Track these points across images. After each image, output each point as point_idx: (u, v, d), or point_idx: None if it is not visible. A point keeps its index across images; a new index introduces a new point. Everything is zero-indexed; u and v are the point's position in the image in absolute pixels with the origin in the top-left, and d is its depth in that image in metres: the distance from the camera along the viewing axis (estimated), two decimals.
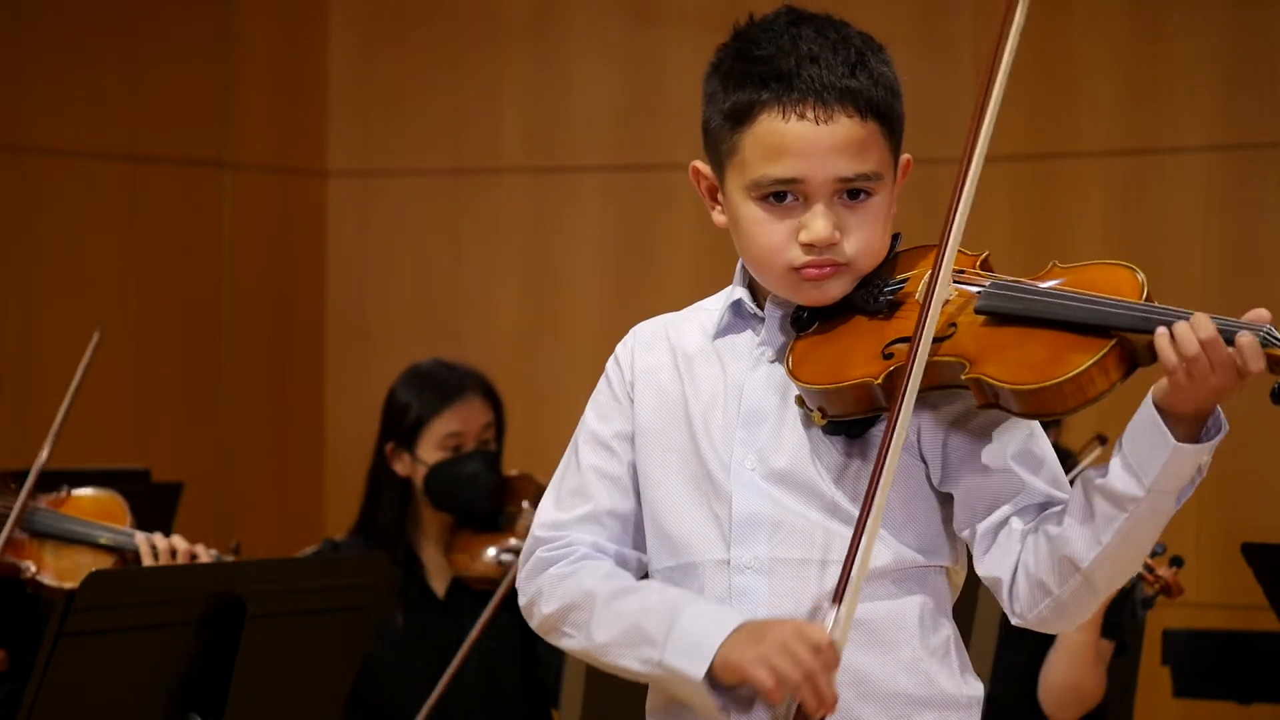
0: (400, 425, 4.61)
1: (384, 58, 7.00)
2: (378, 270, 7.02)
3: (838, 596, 2.31)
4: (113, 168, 6.60)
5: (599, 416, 2.58)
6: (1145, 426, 2.28)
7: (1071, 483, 2.42)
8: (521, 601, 2.56)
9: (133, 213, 6.64)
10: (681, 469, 2.50)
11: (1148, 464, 2.28)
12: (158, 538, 4.24)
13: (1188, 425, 2.28)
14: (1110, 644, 4.54)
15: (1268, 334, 2.25)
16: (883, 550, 2.42)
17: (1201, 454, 2.28)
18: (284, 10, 6.99)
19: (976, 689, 2.49)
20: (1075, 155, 6.11)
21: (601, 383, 2.59)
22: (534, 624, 2.55)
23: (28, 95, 6.44)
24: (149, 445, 6.47)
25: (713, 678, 2.34)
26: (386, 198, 7.01)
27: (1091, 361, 2.26)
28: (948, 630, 2.48)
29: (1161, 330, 2.26)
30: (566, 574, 2.50)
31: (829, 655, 2.29)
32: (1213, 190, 6.03)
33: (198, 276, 6.78)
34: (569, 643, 2.50)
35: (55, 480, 4.36)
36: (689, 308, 2.61)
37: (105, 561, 4.24)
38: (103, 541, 4.26)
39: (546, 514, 2.57)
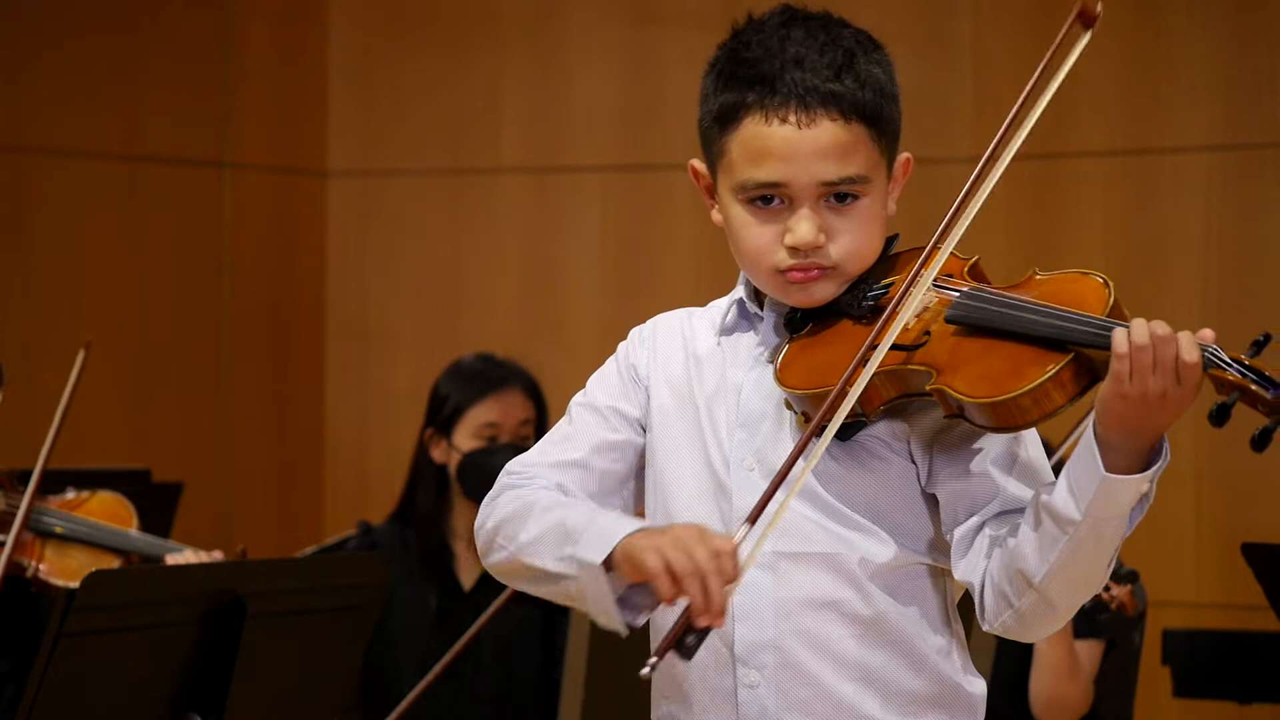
0: (440, 412, 4.65)
1: (384, 58, 6.99)
2: (378, 270, 7.02)
3: (752, 517, 2.28)
4: (112, 168, 6.59)
5: (601, 388, 2.59)
6: (1083, 449, 2.26)
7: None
8: (475, 524, 2.55)
9: (132, 213, 6.63)
10: (691, 461, 2.51)
11: (1084, 488, 2.26)
12: (189, 554, 4.23)
13: (1130, 453, 2.25)
14: (1099, 644, 4.55)
15: (1213, 353, 2.21)
16: (883, 549, 2.43)
17: (1139, 485, 2.25)
18: (284, 10, 6.98)
19: (979, 687, 2.49)
20: (1075, 155, 6.11)
21: (610, 360, 2.61)
22: (479, 545, 2.53)
23: (27, 95, 6.43)
24: (149, 445, 6.46)
25: (613, 569, 2.30)
26: (386, 198, 7.01)
27: (1046, 376, 2.25)
28: (950, 630, 2.48)
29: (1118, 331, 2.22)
30: (518, 495, 2.50)
31: (726, 562, 2.22)
32: (1213, 190, 6.02)
33: (198, 276, 6.78)
34: (499, 556, 2.47)
35: (56, 479, 4.37)
36: (709, 304, 2.62)
37: (109, 562, 4.24)
38: (108, 543, 4.26)
39: (525, 457, 2.58)
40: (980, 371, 2.29)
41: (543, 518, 2.42)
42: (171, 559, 4.21)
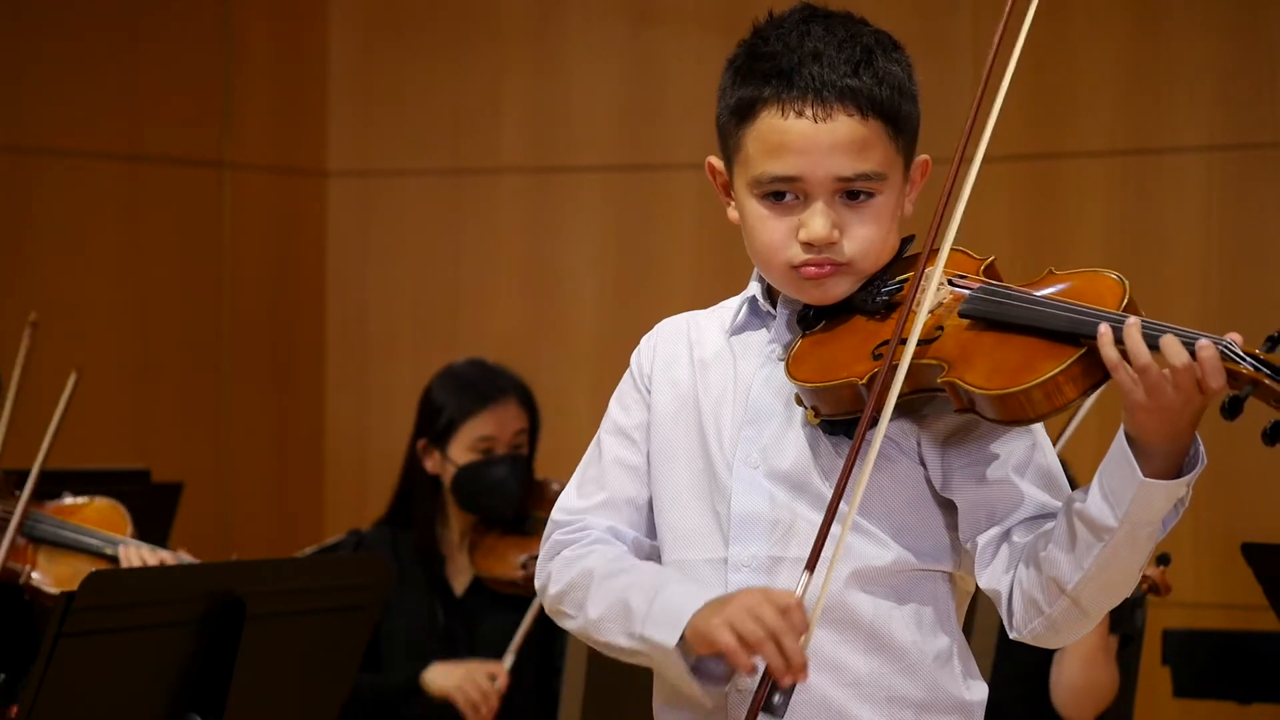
0: (434, 424, 4.63)
1: (384, 58, 6.99)
2: (378, 270, 7.01)
3: (810, 564, 2.29)
4: (113, 167, 6.59)
5: (622, 408, 2.59)
6: (1117, 456, 2.25)
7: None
8: (537, 583, 2.58)
9: (133, 213, 6.63)
10: (688, 465, 2.51)
11: (1120, 495, 2.25)
12: (145, 550, 4.22)
13: (1164, 457, 2.24)
14: (1116, 638, 4.54)
15: (1227, 347, 2.19)
16: (882, 552, 2.41)
17: (1175, 490, 2.24)
18: (284, 10, 6.98)
19: (979, 693, 2.48)
20: (1075, 155, 6.11)
21: (626, 375, 2.61)
22: (546, 606, 2.56)
23: (28, 95, 6.43)
24: (149, 445, 6.46)
25: (687, 648, 2.33)
26: (386, 198, 7.01)
27: (1059, 369, 2.24)
28: (950, 636, 2.47)
29: (1103, 330, 2.21)
30: (577, 556, 2.51)
31: (795, 616, 2.26)
32: (1213, 190, 6.02)
33: (198, 276, 6.77)
34: (570, 624, 2.51)
35: (55, 481, 4.36)
36: (716, 305, 2.62)
37: (102, 568, 4.23)
38: (99, 549, 4.26)
39: (567, 500, 2.59)
40: (992, 365, 2.28)
41: (605, 591, 2.44)
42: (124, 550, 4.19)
